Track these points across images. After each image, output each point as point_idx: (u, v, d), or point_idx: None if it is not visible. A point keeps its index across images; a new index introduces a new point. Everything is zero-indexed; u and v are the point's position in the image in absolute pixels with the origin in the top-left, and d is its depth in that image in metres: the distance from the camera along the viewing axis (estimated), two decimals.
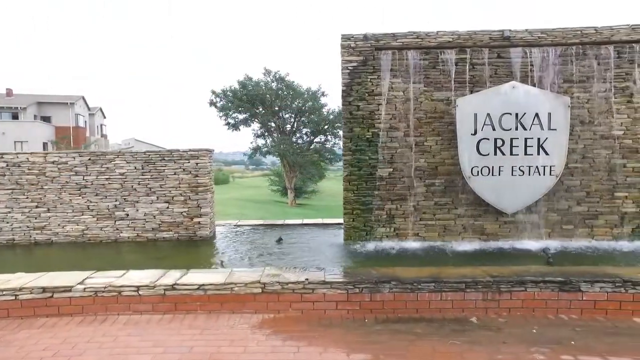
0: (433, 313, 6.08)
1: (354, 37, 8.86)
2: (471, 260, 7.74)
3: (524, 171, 8.33)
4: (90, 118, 59.68)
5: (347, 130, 8.98)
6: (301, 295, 6.08)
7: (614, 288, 5.95)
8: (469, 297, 6.06)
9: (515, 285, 6.03)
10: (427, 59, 8.74)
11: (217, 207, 22.40)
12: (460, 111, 8.36)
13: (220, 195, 37.36)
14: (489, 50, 8.63)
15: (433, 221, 8.90)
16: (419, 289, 6.05)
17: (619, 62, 8.58)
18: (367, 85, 8.85)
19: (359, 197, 8.98)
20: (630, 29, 8.57)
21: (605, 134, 8.68)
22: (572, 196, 8.79)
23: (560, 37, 8.63)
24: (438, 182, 8.84)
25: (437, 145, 8.81)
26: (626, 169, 8.70)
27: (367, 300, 6.06)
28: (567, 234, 8.81)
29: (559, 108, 8.25)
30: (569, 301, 6.01)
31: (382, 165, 8.88)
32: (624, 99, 8.63)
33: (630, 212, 8.77)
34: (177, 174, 9.63)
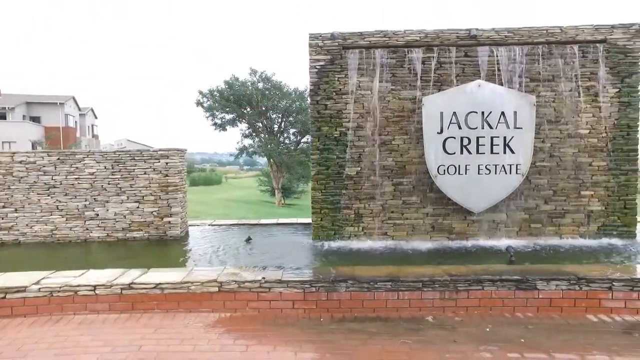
0: (390, 312, 6.09)
1: (321, 36, 8.85)
2: (437, 259, 7.76)
3: (491, 170, 8.35)
4: (81, 118, 59.46)
5: (315, 130, 8.97)
6: (258, 294, 6.07)
7: (568, 286, 5.99)
8: (426, 296, 6.06)
9: (472, 284, 6.05)
10: (394, 58, 8.75)
11: (201, 207, 22.56)
12: (427, 110, 8.37)
13: (210, 196, 37.41)
14: (456, 49, 8.65)
15: (401, 220, 8.90)
16: (376, 288, 6.05)
17: (584, 61, 8.62)
18: (334, 84, 8.84)
19: (327, 197, 8.97)
20: (593, 29, 8.62)
21: (571, 132, 8.71)
22: (540, 195, 8.81)
23: (526, 36, 8.65)
24: (406, 181, 8.84)
25: (404, 144, 8.81)
26: (592, 168, 8.74)
27: (324, 299, 6.06)
28: (535, 232, 8.83)
29: (524, 106, 8.27)
30: (525, 299, 6.04)
31: (350, 164, 8.88)
32: (589, 98, 8.67)
33: (596, 210, 8.81)
34: (147, 173, 9.59)
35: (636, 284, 5.94)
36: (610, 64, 8.62)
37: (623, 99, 8.64)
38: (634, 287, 5.94)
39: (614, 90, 8.64)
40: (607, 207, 8.81)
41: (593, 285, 5.99)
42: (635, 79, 8.62)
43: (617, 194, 8.79)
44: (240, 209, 27.66)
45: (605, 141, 8.72)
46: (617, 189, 8.78)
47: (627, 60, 8.61)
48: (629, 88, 8.62)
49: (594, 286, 5.99)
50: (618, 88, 8.63)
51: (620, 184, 8.75)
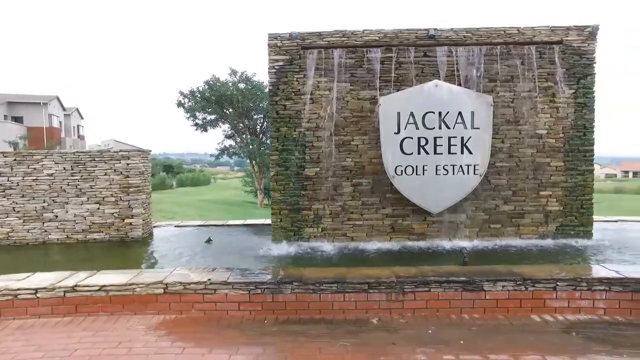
0: (336, 314, 6.05)
1: (280, 36, 8.81)
2: (394, 260, 7.74)
3: (448, 170, 8.34)
4: (66, 119, 58.97)
5: (274, 130, 8.93)
6: (203, 295, 6.02)
7: (514, 286, 5.98)
8: (372, 298, 6.03)
9: (419, 286, 6.02)
10: (353, 58, 8.72)
11: (179, 209, 22.45)
12: (384, 110, 8.35)
13: (193, 197, 37.21)
14: (415, 49, 8.64)
15: (361, 221, 8.87)
16: (322, 290, 6.02)
17: (541, 62, 8.64)
18: (293, 84, 8.80)
19: (287, 197, 8.92)
20: (550, 31, 8.65)
21: (530, 133, 8.73)
22: (499, 195, 8.82)
23: (485, 36, 8.67)
24: (365, 181, 8.81)
25: (363, 145, 8.78)
26: (550, 168, 8.77)
27: (269, 301, 6.02)
28: (495, 232, 8.84)
29: (481, 107, 8.27)
30: (472, 301, 6.02)
31: (309, 165, 8.84)
32: (547, 99, 8.70)
33: (554, 210, 8.84)
34: (108, 174, 9.51)
35: (579, 284, 5.95)
36: (567, 65, 8.65)
37: (579, 99, 8.68)
38: (576, 286, 5.96)
39: (571, 91, 8.68)
40: (564, 207, 8.84)
41: (538, 285, 5.99)
42: (590, 80, 8.66)
43: (574, 194, 8.82)
44: (219, 210, 27.51)
45: (563, 141, 8.75)
46: (574, 189, 8.80)
47: (583, 61, 8.66)
48: (584, 89, 8.66)
49: (539, 286, 5.99)
50: (574, 89, 8.67)
51: (577, 184, 8.79)
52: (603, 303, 5.98)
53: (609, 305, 5.97)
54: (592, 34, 8.61)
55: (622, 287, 5.93)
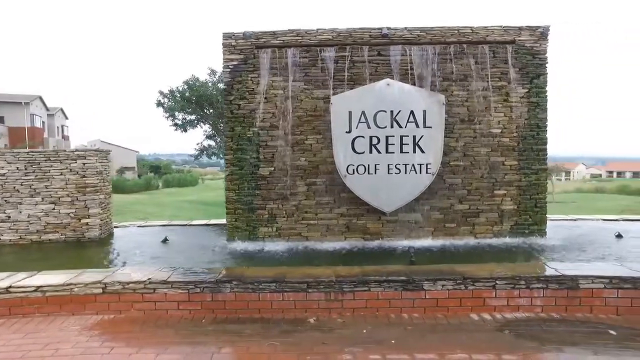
0: (275, 313, 6.01)
1: (234, 35, 8.77)
2: (347, 259, 7.71)
3: (400, 169, 8.33)
4: (50, 118, 58.52)
5: (229, 130, 8.88)
6: (142, 295, 5.97)
7: (454, 286, 5.97)
8: (311, 297, 6.00)
9: (358, 286, 6.00)
10: (307, 57, 8.69)
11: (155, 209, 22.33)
12: (335, 109, 8.33)
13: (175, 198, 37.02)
14: (369, 47, 8.62)
15: (315, 221, 8.84)
16: (261, 289, 5.98)
17: (494, 61, 8.66)
18: (247, 83, 8.77)
19: (241, 197, 8.88)
20: (503, 30, 8.68)
21: (484, 132, 8.75)
22: (454, 194, 8.83)
23: (439, 35, 8.67)
24: (319, 181, 8.79)
25: (317, 144, 8.76)
26: (504, 167, 8.79)
27: (209, 300, 5.98)
28: (450, 232, 8.84)
29: (433, 105, 8.27)
30: (412, 300, 6.00)
31: (263, 165, 8.81)
32: (500, 98, 8.72)
33: (508, 209, 8.86)
34: (63, 174, 9.41)
35: (517, 282, 5.96)
36: (520, 65, 8.68)
37: (532, 99, 8.71)
38: (515, 285, 5.96)
39: (524, 90, 8.71)
40: (519, 206, 8.86)
41: (478, 284, 5.99)
42: (543, 80, 8.69)
43: (529, 193, 8.85)
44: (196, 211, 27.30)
45: (517, 140, 8.78)
46: (529, 188, 8.83)
47: (535, 61, 8.69)
48: (537, 89, 8.69)
49: (479, 285, 5.98)
50: (527, 88, 8.70)
51: (531, 183, 8.82)
52: (541, 301, 6.00)
53: (546, 303, 5.99)
54: (544, 34, 8.65)
55: (558, 285, 5.96)
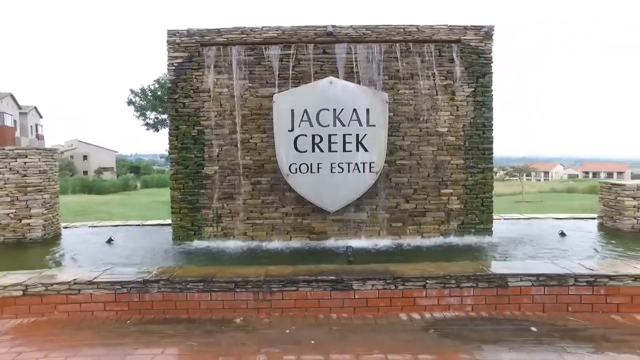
0: (203, 314, 5.92)
1: (179, 32, 8.65)
2: (289, 259, 7.61)
3: (344, 168, 8.27)
4: (22, 117, 57.63)
5: (173, 128, 8.75)
6: (67, 296, 5.84)
7: (384, 285, 5.92)
8: (239, 297, 5.92)
9: (286, 285, 5.92)
10: (252, 55, 8.60)
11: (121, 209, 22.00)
12: (278, 107, 8.25)
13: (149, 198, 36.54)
14: (314, 46, 8.56)
15: (261, 220, 8.75)
16: (188, 289, 5.89)
17: (440, 60, 8.65)
18: (192, 82, 8.66)
19: (186, 196, 8.77)
20: (448, 30, 8.66)
21: (430, 130, 8.72)
22: (400, 193, 8.79)
23: (384, 33, 8.63)
24: (264, 180, 8.70)
25: (262, 143, 8.67)
26: (451, 166, 8.78)
27: (136, 301, 5.87)
28: (397, 231, 8.80)
29: (377, 104, 8.22)
30: (341, 300, 5.93)
31: (208, 164, 8.70)
32: (447, 97, 8.71)
33: (455, 208, 8.84)
34: (2, 173, 9.18)
35: (448, 281, 5.92)
36: (465, 64, 8.68)
37: (478, 98, 8.71)
38: (445, 284, 5.92)
39: (470, 89, 8.70)
40: (465, 205, 8.85)
41: (408, 284, 5.94)
42: (488, 79, 8.70)
43: (475, 192, 8.85)
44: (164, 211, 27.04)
45: (463, 139, 8.77)
46: (475, 187, 8.82)
47: (481, 60, 8.69)
48: (483, 88, 8.69)
49: (409, 285, 5.93)
50: (473, 87, 8.70)
51: (477, 182, 8.82)
52: (471, 300, 5.98)
53: (476, 302, 5.97)
54: (488, 34, 8.66)
55: (488, 284, 5.93)
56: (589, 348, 4.91)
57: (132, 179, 58.59)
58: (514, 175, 49.40)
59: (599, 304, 5.89)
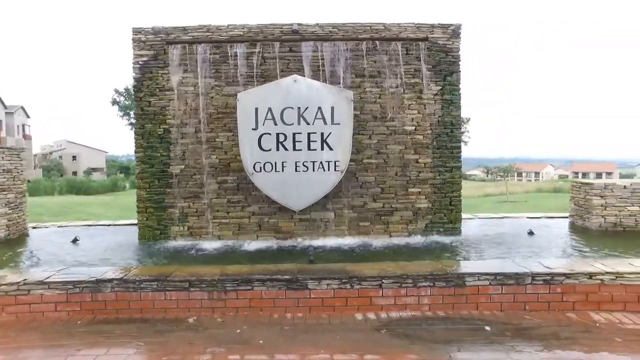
0: (157, 313, 5.87)
1: (144, 30, 8.56)
2: (254, 258, 7.55)
3: (308, 167, 8.20)
4: (9, 117, 57.26)
5: (139, 127, 8.67)
6: (15, 297, 5.75)
7: (340, 285, 5.87)
8: (194, 296, 5.86)
9: (241, 284, 5.87)
10: (217, 53, 8.53)
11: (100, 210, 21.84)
12: (242, 106, 8.17)
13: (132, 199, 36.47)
14: (280, 44, 8.49)
15: (227, 219, 8.68)
16: (142, 288, 5.82)
17: (407, 58, 8.60)
18: (158, 80, 8.58)
19: (152, 195, 8.69)
20: (415, 28, 8.62)
21: (397, 129, 8.67)
22: (368, 192, 8.74)
23: (351, 32, 8.58)
24: (230, 179, 8.63)
25: (228, 142, 8.60)
26: (418, 165, 8.73)
27: (89, 301, 5.81)
28: (364, 230, 8.75)
29: (341, 102, 8.17)
30: (296, 299, 5.88)
31: (174, 163, 8.63)
32: (414, 95, 8.66)
33: (423, 207, 8.80)
34: None
35: (404, 281, 5.88)
36: (433, 62, 8.64)
37: (446, 96, 8.67)
38: (402, 283, 5.88)
39: (437, 87, 8.67)
40: (433, 204, 8.81)
41: (364, 283, 5.89)
42: (456, 78, 8.66)
43: (443, 191, 8.81)
44: None
45: (431, 138, 8.73)
46: (443, 186, 8.79)
47: (448, 59, 8.66)
48: (450, 86, 8.66)
49: (365, 284, 5.89)
50: (441, 86, 8.66)
51: (445, 180, 8.79)
52: (428, 299, 5.94)
53: (434, 301, 5.93)
54: (455, 32, 8.63)
55: (445, 283, 5.90)
56: (537, 346, 4.90)
57: (121, 180, 58.28)
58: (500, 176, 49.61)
59: (556, 302, 5.88)
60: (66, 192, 40.90)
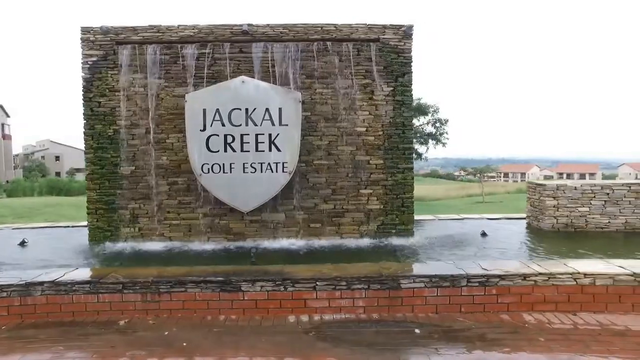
0: (90, 316, 5.82)
1: (93, 30, 8.50)
2: (202, 260, 7.58)
3: (256, 168, 8.18)
4: None
5: (88, 128, 8.59)
6: None
7: (274, 287, 5.84)
8: (127, 298, 5.81)
9: (175, 286, 5.82)
10: (168, 54, 8.49)
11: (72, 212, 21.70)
12: (190, 107, 8.14)
13: None
14: (230, 45, 8.46)
15: (178, 221, 8.64)
16: (74, 290, 5.76)
17: (359, 59, 8.60)
18: (108, 80, 8.51)
19: (102, 197, 8.62)
20: (367, 28, 8.62)
21: (348, 130, 8.67)
22: (319, 194, 8.72)
23: (302, 32, 8.57)
24: (181, 180, 8.59)
25: (179, 143, 8.55)
26: (370, 166, 8.73)
27: (17, 305, 5.73)
28: (316, 232, 8.73)
29: (289, 103, 8.15)
30: (230, 301, 5.85)
31: (124, 164, 8.57)
32: (365, 96, 8.66)
33: (375, 209, 8.79)
34: None
35: (338, 283, 5.86)
36: (384, 63, 8.64)
37: (397, 97, 8.68)
38: (336, 286, 5.86)
39: (389, 88, 8.67)
40: (385, 205, 8.81)
41: (298, 285, 5.86)
42: (407, 79, 8.67)
43: (395, 193, 8.80)
44: None
45: (382, 139, 8.72)
46: (395, 187, 8.79)
47: (400, 60, 8.66)
48: (402, 87, 8.66)
49: (299, 286, 5.86)
50: (392, 87, 8.66)
51: (397, 182, 8.78)
52: (363, 302, 5.91)
53: (369, 304, 5.91)
54: (407, 33, 8.63)
55: (380, 285, 5.89)
56: (460, 348, 4.91)
57: None
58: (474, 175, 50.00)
59: (491, 303, 5.89)
60: (46, 193, 40.58)
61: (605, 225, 9.33)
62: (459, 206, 25.38)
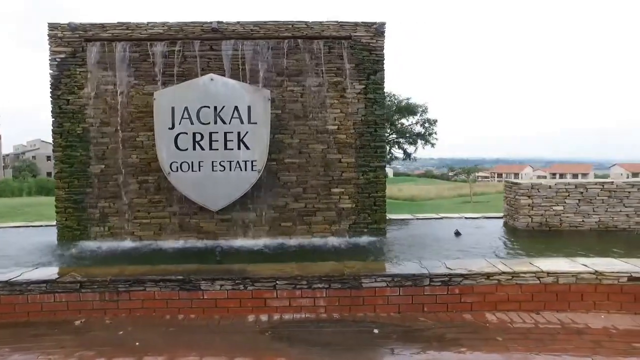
0: (46, 316, 5.77)
1: (60, 26, 8.40)
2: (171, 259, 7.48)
3: (225, 166, 8.10)
4: None
5: (57, 126, 8.49)
6: None
7: (233, 286, 5.80)
8: (85, 297, 5.76)
9: (133, 285, 5.77)
10: (137, 52, 8.40)
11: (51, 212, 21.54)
12: (158, 105, 8.05)
13: None
14: (200, 42, 8.37)
15: (148, 219, 8.55)
16: (29, 290, 5.69)
17: (330, 57, 8.54)
18: (76, 78, 8.41)
19: (71, 195, 8.52)
20: (338, 26, 8.56)
21: (320, 128, 8.60)
22: (289, 193, 8.66)
23: (273, 30, 8.50)
24: (151, 178, 8.50)
25: (149, 141, 8.45)
26: (341, 164, 8.66)
27: None
28: (287, 231, 8.66)
29: (258, 101, 8.08)
30: (190, 300, 5.80)
31: (93, 162, 8.47)
32: (337, 94, 8.59)
33: (346, 208, 8.73)
34: None
35: (299, 282, 5.83)
36: (356, 61, 8.58)
37: (369, 95, 8.62)
38: (296, 285, 5.83)
39: (361, 86, 8.61)
40: (357, 204, 8.74)
41: (257, 284, 5.82)
42: (380, 77, 8.61)
43: (367, 191, 8.75)
44: None
45: (354, 137, 8.66)
46: (367, 186, 8.73)
47: (372, 57, 8.61)
48: (374, 85, 8.60)
49: (259, 285, 5.82)
50: (364, 85, 8.60)
51: (369, 180, 8.72)
52: (324, 301, 5.89)
53: (330, 303, 5.88)
54: (379, 30, 8.58)
55: (341, 284, 5.85)
56: (416, 349, 4.90)
57: None
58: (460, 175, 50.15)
59: (454, 303, 5.86)
60: (35, 193, 40.37)
61: (579, 224, 9.30)
62: (448, 206, 25.38)
